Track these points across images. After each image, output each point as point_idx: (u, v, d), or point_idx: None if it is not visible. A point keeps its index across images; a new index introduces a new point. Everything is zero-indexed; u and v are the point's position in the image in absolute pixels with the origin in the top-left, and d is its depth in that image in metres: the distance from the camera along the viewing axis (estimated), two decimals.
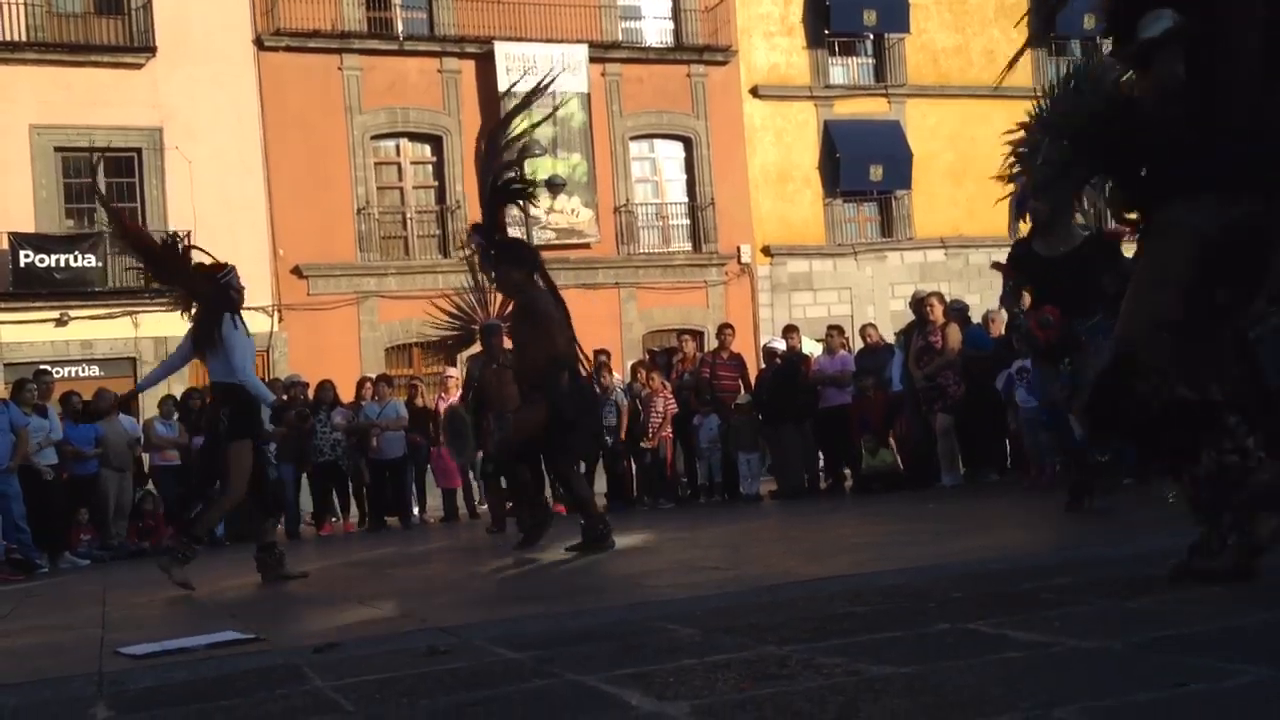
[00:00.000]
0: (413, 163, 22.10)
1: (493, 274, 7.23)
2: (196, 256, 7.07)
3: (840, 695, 2.28)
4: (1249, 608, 2.90)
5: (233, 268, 7.01)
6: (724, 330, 13.80)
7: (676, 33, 23.75)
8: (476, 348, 11.18)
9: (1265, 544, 3.03)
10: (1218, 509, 3.10)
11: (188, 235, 18.95)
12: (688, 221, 23.54)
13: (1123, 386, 3.12)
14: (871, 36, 24.88)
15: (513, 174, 7.41)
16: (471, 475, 13.25)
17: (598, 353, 12.13)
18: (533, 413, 6.87)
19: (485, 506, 12.29)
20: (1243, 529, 3.05)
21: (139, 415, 15.30)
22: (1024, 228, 7.08)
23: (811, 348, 13.78)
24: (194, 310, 6.95)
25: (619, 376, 14.15)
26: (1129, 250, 6.78)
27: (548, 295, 7.03)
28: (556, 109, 7.85)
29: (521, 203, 7.71)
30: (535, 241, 19.93)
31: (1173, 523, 5.52)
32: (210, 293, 6.82)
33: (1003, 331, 11.34)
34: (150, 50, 19.63)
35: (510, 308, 7.76)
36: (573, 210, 22.09)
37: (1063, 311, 6.48)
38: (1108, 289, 6.26)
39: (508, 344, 9.02)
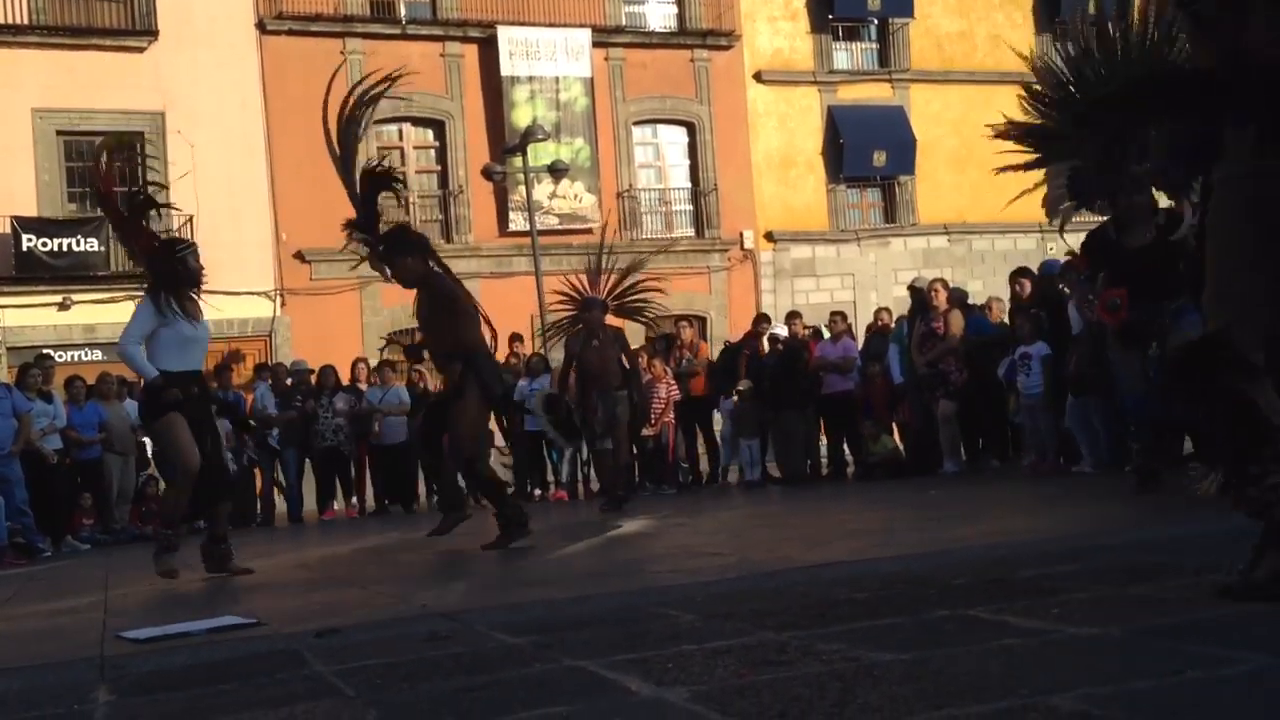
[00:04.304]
0: (415, 147, 22.06)
1: (387, 270, 6.87)
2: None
3: (839, 681, 2.28)
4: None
5: (192, 245, 6.74)
6: (761, 321, 13.86)
7: (680, 17, 23.68)
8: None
9: (1262, 581, 2.85)
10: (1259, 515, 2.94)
11: (190, 220, 19.10)
12: (690, 207, 23.50)
13: (1208, 369, 2.92)
14: (875, 21, 24.79)
15: (374, 164, 7.16)
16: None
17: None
18: (471, 406, 6.68)
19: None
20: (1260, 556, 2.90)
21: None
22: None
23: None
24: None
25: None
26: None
27: (447, 278, 6.85)
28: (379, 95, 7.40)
29: (394, 189, 7.39)
30: (538, 226, 20.00)
31: (1173, 512, 5.54)
32: (158, 268, 6.42)
33: (1005, 319, 11.35)
34: (152, 34, 19.59)
35: (421, 296, 7.08)
36: (575, 195, 22.06)
37: (1147, 297, 6.35)
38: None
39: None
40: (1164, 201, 6.73)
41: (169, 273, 6.40)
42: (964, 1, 25.20)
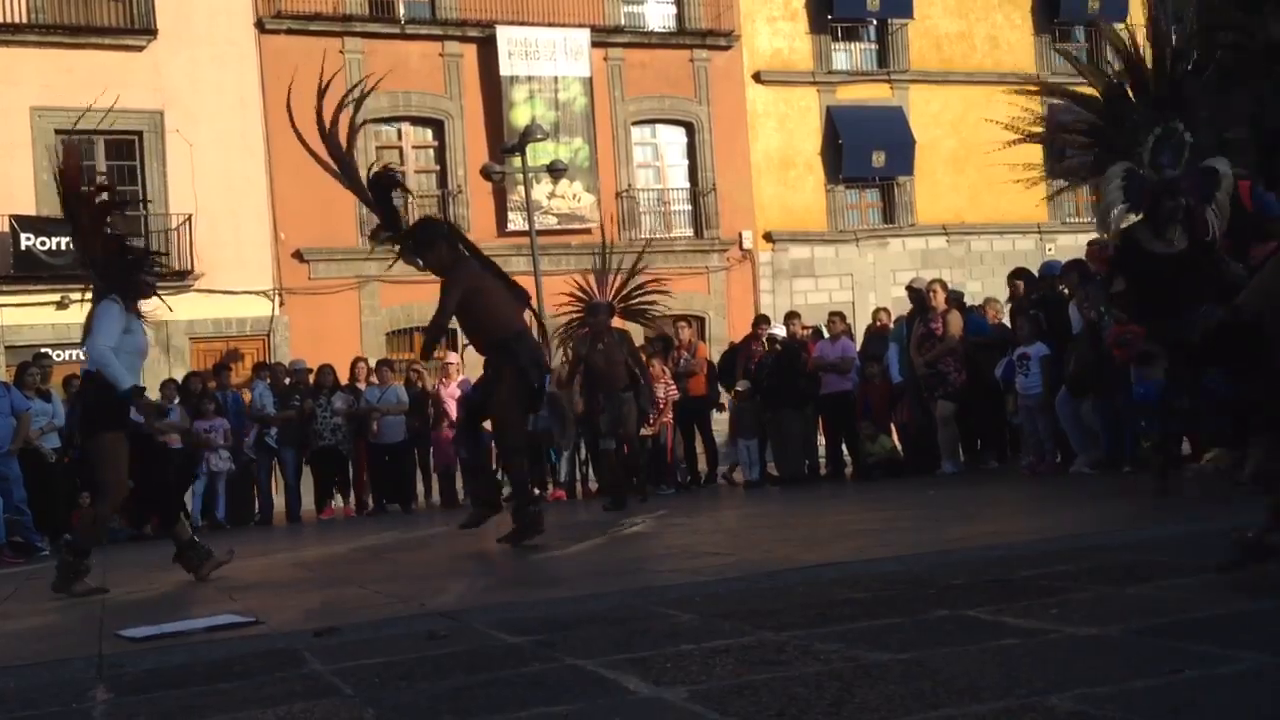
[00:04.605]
0: (414, 147, 22.06)
1: (419, 262, 6.84)
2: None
3: (837, 681, 2.28)
4: (1246, 595, 2.91)
5: (151, 256, 6.60)
6: (760, 322, 13.85)
7: (679, 17, 23.67)
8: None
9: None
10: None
11: (188, 219, 19.10)
12: (689, 207, 23.49)
13: (1235, 343, 3.02)
14: (875, 22, 24.78)
15: (379, 170, 7.16)
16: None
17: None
18: (506, 394, 6.60)
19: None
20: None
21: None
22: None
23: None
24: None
25: None
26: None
27: (474, 264, 6.79)
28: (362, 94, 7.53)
29: (400, 189, 7.32)
30: (537, 226, 19.98)
31: (1172, 510, 5.54)
32: (110, 272, 6.26)
33: (1003, 319, 11.36)
34: (151, 33, 19.58)
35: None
36: (574, 195, 22.06)
37: (1173, 306, 6.37)
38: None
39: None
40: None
41: (118, 280, 6.18)
42: (963, 2, 25.20)
